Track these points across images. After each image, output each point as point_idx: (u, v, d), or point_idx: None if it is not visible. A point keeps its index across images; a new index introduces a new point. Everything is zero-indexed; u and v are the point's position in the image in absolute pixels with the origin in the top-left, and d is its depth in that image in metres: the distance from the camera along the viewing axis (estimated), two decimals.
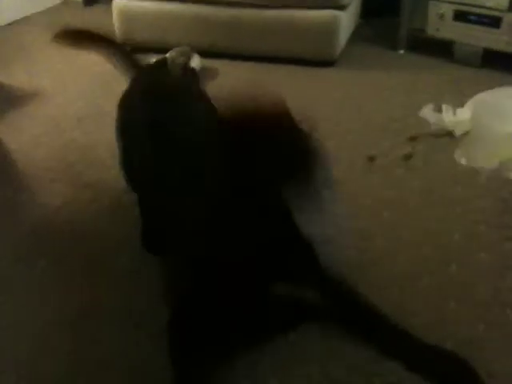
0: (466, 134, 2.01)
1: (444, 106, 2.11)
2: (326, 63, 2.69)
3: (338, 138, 2.03)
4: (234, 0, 2.65)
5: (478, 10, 2.57)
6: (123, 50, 1.61)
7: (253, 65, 2.71)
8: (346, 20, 2.67)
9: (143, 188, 1.35)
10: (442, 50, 2.72)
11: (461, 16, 2.63)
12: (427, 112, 2.14)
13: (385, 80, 2.58)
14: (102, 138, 2.02)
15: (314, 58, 2.68)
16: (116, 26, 2.83)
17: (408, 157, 1.91)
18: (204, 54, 2.65)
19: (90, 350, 1.21)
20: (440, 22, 2.69)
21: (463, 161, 1.86)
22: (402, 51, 2.88)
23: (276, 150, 0.99)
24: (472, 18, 2.60)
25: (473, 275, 1.39)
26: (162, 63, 2.59)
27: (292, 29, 2.63)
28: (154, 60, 2.61)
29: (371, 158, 1.89)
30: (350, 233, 1.44)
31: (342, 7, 2.58)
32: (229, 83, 2.52)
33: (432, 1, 2.68)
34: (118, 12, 2.82)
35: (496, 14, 2.51)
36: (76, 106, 2.36)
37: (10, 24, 3.28)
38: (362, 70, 2.70)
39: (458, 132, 2.02)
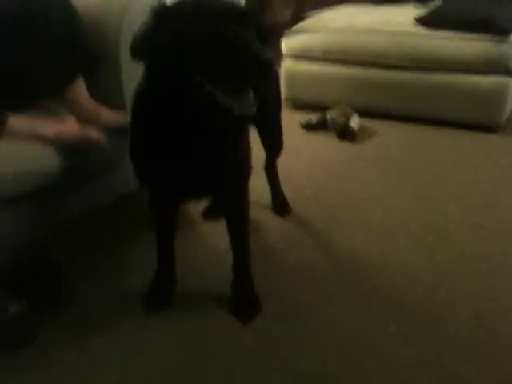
0: None
1: None
2: (490, 129, 2.61)
3: (500, 208, 1.95)
4: (392, 63, 2.72)
5: None
6: None
7: (412, 126, 2.73)
8: None
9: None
10: None
11: None
12: None
13: None
14: None
15: (477, 122, 2.62)
16: (282, 84, 3.04)
17: None
18: (363, 113, 2.73)
19: None
20: None
21: None
22: None
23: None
24: None
25: None
26: (322, 121, 2.72)
27: (457, 93, 2.61)
28: (315, 118, 2.76)
29: None
30: None
31: (511, 73, 2.51)
32: (387, 143, 2.56)
33: None
34: (285, 72, 3.05)
35: None
36: None
37: None
38: None
39: None
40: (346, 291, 1.53)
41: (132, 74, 1.67)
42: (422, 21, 2.69)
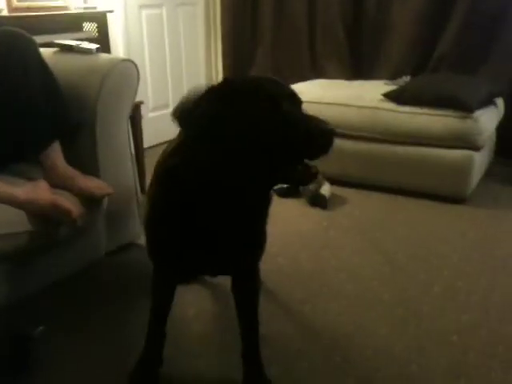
0: None
1: None
2: (457, 200, 2.68)
3: (469, 280, 1.97)
4: (363, 135, 2.81)
5: None
6: None
7: (382, 195, 2.79)
8: (480, 160, 2.69)
9: None
10: None
11: None
12: None
13: None
14: None
15: (446, 194, 2.70)
16: None
17: None
18: (335, 181, 2.80)
19: None
20: None
21: None
22: None
23: None
24: None
25: None
26: (295, 188, 2.76)
27: (425, 165, 2.70)
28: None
29: None
30: None
31: (477, 148, 2.62)
32: (358, 212, 2.60)
33: None
34: None
35: None
36: None
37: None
38: (495, 208, 2.64)
39: None
40: (316, 365, 1.50)
41: (107, 141, 1.70)
42: (391, 97, 2.81)
